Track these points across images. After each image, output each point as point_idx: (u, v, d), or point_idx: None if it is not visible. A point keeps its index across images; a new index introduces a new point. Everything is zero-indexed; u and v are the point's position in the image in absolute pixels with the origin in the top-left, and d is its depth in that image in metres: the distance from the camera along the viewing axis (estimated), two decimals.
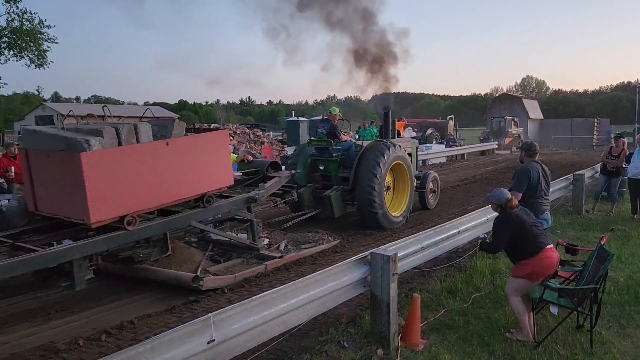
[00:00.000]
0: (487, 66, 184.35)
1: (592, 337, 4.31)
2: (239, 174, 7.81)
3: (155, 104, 68.54)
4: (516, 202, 4.63)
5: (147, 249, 5.69)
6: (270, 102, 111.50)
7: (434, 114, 76.98)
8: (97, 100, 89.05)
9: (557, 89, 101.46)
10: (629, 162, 9.70)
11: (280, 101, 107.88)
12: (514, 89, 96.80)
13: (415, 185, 9.88)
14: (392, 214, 8.96)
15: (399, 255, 4.52)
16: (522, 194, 5.38)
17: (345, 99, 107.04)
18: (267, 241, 7.19)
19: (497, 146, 28.03)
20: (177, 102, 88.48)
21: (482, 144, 28.21)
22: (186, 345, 3.00)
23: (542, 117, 46.66)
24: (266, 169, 7.70)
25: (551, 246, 4.56)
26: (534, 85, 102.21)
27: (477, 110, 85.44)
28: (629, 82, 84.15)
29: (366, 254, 4.48)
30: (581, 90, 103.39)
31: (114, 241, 4.98)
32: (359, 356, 4.14)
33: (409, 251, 5.32)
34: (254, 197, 6.67)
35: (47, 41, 23.73)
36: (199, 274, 5.65)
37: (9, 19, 22.83)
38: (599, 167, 10.99)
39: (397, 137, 10.67)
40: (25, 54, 23.62)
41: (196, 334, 3.09)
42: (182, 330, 3.04)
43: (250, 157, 8.18)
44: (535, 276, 4.49)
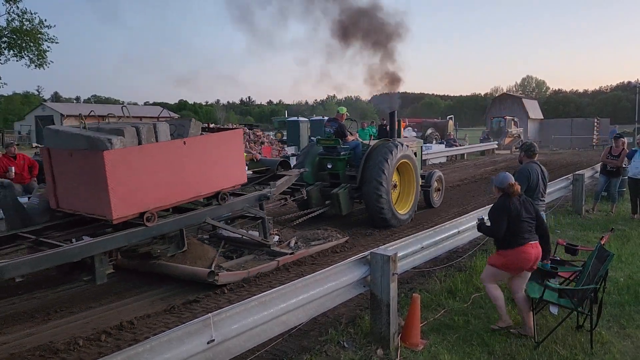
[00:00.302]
0: (487, 66, 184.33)
1: (592, 337, 4.31)
2: (250, 172, 7.92)
3: (155, 104, 68.59)
4: (518, 188, 4.62)
5: (163, 245, 5.86)
6: (270, 102, 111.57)
7: (434, 114, 77.02)
8: (97, 100, 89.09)
9: (557, 89, 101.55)
10: (631, 158, 9.68)
11: (280, 101, 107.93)
12: (514, 89, 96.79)
13: (420, 183, 10.03)
14: (399, 212, 9.12)
15: (399, 255, 4.52)
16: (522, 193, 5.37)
17: (345, 98, 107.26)
18: (277, 238, 7.33)
19: (497, 146, 28.03)
20: (177, 102, 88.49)
21: (482, 144, 28.21)
22: (186, 345, 3.00)
23: (542, 117, 46.60)
24: (276, 168, 7.84)
25: (534, 243, 4.55)
26: (534, 85, 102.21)
27: (477, 110, 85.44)
28: (629, 82, 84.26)
29: (366, 254, 4.48)
30: (581, 90, 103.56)
31: (134, 237, 5.14)
32: (359, 356, 4.13)
33: (409, 251, 5.33)
34: (266, 194, 6.85)
35: (47, 41, 23.70)
36: (213, 270, 5.78)
37: (9, 19, 22.81)
38: (599, 167, 10.99)
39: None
40: (25, 54, 23.59)
41: (196, 334, 3.09)
42: (181, 330, 3.03)
43: (258, 156, 8.38)
44: (509, 268, 4.60)
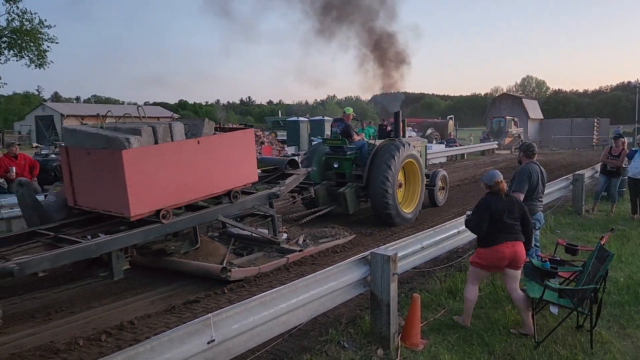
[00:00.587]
0: (487, 66, 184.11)
1: (592, 337, 4.32)
2: (258, 171, 8.01)
3: (155, 104, 68.57)
4: (504, 186, 4.65)
5: (176, 242, 6.03)
6: (270, 102, 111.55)
7: (434, 114, 77.04)
8: (97, 100, 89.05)
9: (557, 89, 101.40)
10: (631, 158, 9.69)
11: (280, 101, 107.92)
12: (514, 89, 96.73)
13: (425, 183, 10.15)
14: (404, 211, 9.24)
15: (399, 255, 4.52)
16: (523, 194, 5.37)
17: (345, 98, 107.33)
18: (285, 236, 7.43)
19: (497, 146, 28.04)
20: (177, 102, 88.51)
21: (482, 144, 28.22)
22: (186, 345, 3.00)
23: (542, 117, 46.62)
24: (285, 167, 7.97)
25: (511, 243, 4.55)
26: (534, 85, 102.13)
27: (477, 110, 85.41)
28: (629, 82, 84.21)
29: (366, 254, 4.48)
30: (581, 90, 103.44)
31: (150, 234, 5.25)
32: (359, 356, 4.14)
33: (409, 251, 5.33)
34: (276, 193, 6.95)
35: (47, 41, 23.70)
36: (226, 266, 5.90)
37: (9, 19, 22.79)
38: (599, 167, 11.00)
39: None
40: (25, 54, 23.57)
41: (196, 334, 3.09)
42: (182, 330, 3.04)
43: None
44: (484, 266, 4.66)
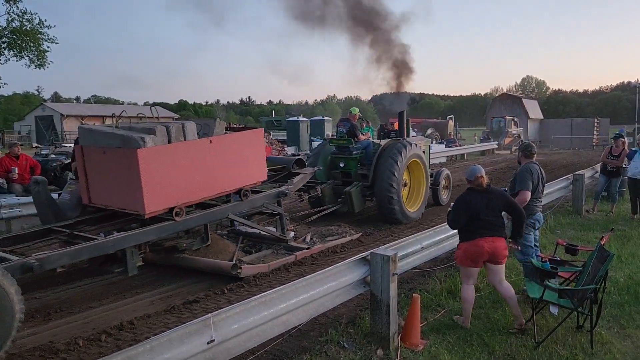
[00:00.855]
0: (487, 66, 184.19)
1: (592, 337, 4.31)
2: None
3: (155, 104, 68.44)
4: (484, 181, 4.67)
5: (188, 239, 6.15)
6: (270, 102, 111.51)
7: (434, 114, 77.04)
8: (96, 100, 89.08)
9: (557, 89, 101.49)
10: (631, 159, 9.68)
11: (280, 101, 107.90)
12: (514, 89, 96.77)
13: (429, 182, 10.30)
14: (409, 210, 9.37)
15: (399, 255, 4.52)
16: (530, 191, 5.33)
17: (345, 98, 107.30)
18: (292, 234, 7.51)
19: (497, 146, 28.03)
20: (177, 102, 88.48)
21: (482, 144, 28.20)
22: (185, 345, 3.00)
23: (542, 117, 46.61)
24: (292, 166, 8.07)
25: (490, 238, 4.57)
26: (534, 85, 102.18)
27: (477, 110, 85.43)
28: (629, 82, 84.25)
29: (366, 254, 4.48)
30: (581, 90, 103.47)
31: (163, 231, 5.36)
32: (359, 356, 4.13)
33: (409, 251, 5.33)
34: (284, 191, 7.04)
35: (47, 41, 23.70)
36: (236, 263, 6.01)
37: (9, 19, 22.80)
38: (599, 167, 10.99)
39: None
40: (25, 54, 23.58)
41: (195, 334, 3.09)
42: (181, 330, 3.04)
43: None
44: (463, 261, 4.72)
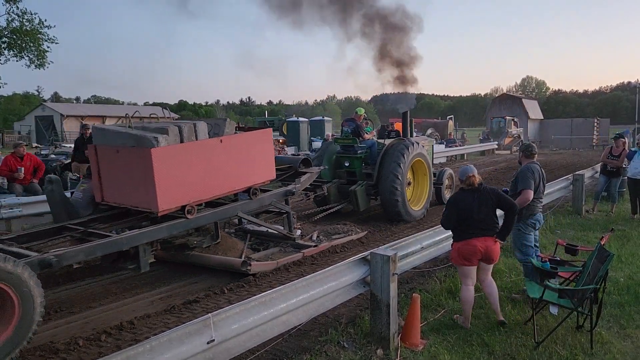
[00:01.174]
0: (487, 66, 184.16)
1: (592, 337, 4.31)
2: None
3: (155, 104, 68.54)
4: (475, 180, 4.69)
5: (198, 237, 6.27)
6: (270, 102, 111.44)
7: (434, 114, 77.04)
8: (96, 100, 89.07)
9: (557, 89, 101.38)
10: (630, 159, 9.69)
11: (280, 101, 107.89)
12: (514, 89, 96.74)
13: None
14: (413, 208, 9.48)
15: (399, 255, 4.52)
16: (532, 190, 5.32)
17: (345, 99, 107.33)
18: (299, 232, 7.59)
19: (497, 146, 28.02)
20: (177, 102, 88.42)
21: (482, 144, 28.20)
22: (185, 345, 3.00)
23: (542, 117, 46.58)
24: (298, 165, 8.18)
25: (482, 238, 4.61)
26: (534, 85, 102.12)
27: (477, 110, 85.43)
28: (629, 82, 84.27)
29: (366, 254, 4.48)
30: (581, 90, 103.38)
31: (175, 228, 5.46)
32: (359, 356, 4.13)
33: (409, 251, 5.33)
34: (292, 190, 7.17)
35: (47, 41, 23.71)
36: (246, 260, 6.13)
37: (9, 19, 22.82)
38: (599, 167, 10.99)
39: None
40: (25, 54, 23.60)
41: (195, 334, 3.09)
42: (181, 330, 3.04)
43: None
44: (457, 260, 4.77)
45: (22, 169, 9.35)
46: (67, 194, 6.48)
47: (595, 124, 36.80)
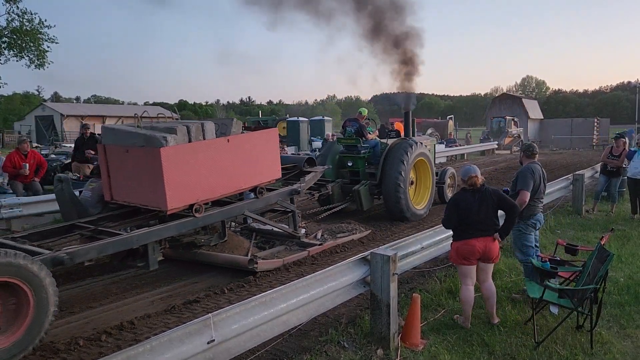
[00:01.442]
0: (487, 66, 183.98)
1: (592, 337, 4.31)
2: None
3: (155, 104, 68.53)
4: (477, 180, 4.70)
5: (205, 235, 6.36)
6: (270, 102, 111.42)
7: (434, 114, 77.02)
8: (97, 100, 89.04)
9: (557, 89, 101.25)
10: (630, 159, 9.69)
11: (280, 101, 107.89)
12: (514, 89, 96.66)
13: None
14: (416, 207, 9.57)
15: (399, 255, 4.52)
16: (530, 192, 5.33)
17: (345, 98, 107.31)
18: (304, 231, 7.64)
19: (497, 146, 28.01)
20: (177, 102, 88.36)
21: (482, 144, 28.19)
22: (186, 345, 3.00)
23: (542, 117, 46.55)
24: (303, 165, 8.25)
25: (482, 238, 4.62)
26: (534, 85, 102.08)
27: (477, 110, 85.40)
28: (629, 82, 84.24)
29: (366, 254, 4.48)
30: (581, 90, 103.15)
31: (184, 227, 5.55)
32: (359, 356, 4.13)
33: (409, 251, 5.33)
34: (297, 189, 7.25)
35: (47, 41, 23.74)
36: (252, 258, 6.19)
37: (9, 19, 22.86)
38: (599, 167, 10.99)
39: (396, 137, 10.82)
40: (25, 54, 23.64)
41: (196, 334, 3.09)
42: (181, 330, 3.04)
43: None
44: (456, 260, 4.79)
45: (27, 165, 9.37)
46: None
47: (595, 124, 36.77)
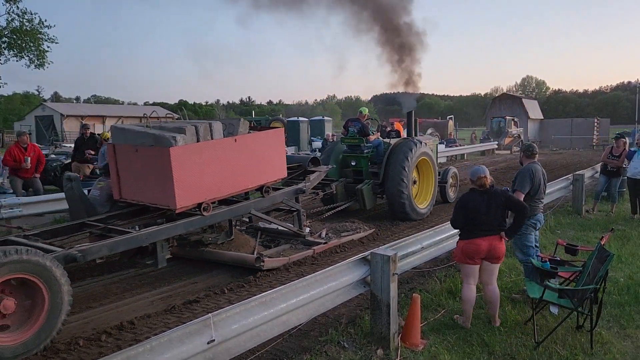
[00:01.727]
0: (487, 66, 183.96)
1: (592, 337, 4.31)
2: None
3: (155, 104, 68.50)
4: (486, 181, 4.69)
5: (212, 234, 6.44)
6: (270, 102, 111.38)
7: (434, 114, 76.96)
8: (97, 100, 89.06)
9: (557, 89, 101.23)
10: (630, 159, 9.69)
11: (280, 101, 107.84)
12: (514, 89, 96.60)
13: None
14: (419, 206, 9.61)
15: (399, 255, 4.52)
16: (525, 194, 5.35)
17: (345, 98, 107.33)
18: (308, 230, 7.69)
19: (497, 146, 28.00)
20: (177, 102, 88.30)
21: (482, 144, 28.18)
22: (186, 345, 3.00)
23: (542, 117, 46.53)
24: (307, 164, 8.29)
25: (488, 237, 4.63)
26: (534, 85, 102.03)
27: (477, 110, 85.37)
28: (629, 82, 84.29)
29: (366, 254, 4.48)
30: (581, 90, 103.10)
31: (192, 225, 5.63)
32: (359, 356, 4.13)
33: (409, 251, 5.33)
34: (302, 188, 7.34)
35: (47, 41, 23.74)
36: (259, 256, 6.27)
37: (9, 19, 22.87)
38: (599, 167, 11.00)
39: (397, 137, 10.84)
40: (25, 54, 23.64)
41: (196, 334, 3.09)
42: (181, 330, 3.04)
43: None
44: (460, 259, 4.79)
45: (29, 158, 9.38)
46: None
47: (595, 124, 36.76)
